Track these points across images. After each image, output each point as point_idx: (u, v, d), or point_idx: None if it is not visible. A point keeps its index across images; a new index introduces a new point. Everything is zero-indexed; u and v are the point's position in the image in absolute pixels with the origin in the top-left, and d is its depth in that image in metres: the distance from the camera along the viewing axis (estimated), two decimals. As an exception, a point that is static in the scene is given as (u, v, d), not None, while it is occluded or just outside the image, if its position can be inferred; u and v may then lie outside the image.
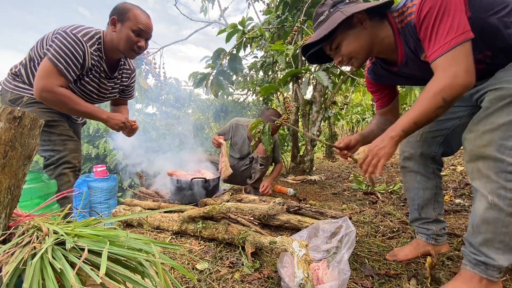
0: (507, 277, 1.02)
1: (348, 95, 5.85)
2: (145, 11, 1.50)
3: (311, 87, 3.28)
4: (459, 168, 2.92)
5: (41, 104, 1.44)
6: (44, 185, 1.30)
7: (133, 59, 1.76)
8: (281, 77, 1.91)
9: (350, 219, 1.58)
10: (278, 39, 2.77)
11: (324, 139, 5.59)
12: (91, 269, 0.55)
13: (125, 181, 4.00)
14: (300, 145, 3.80)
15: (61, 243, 0.60)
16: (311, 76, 2.80)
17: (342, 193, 2.63)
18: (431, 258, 1.10)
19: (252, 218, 1.62)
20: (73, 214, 1.47)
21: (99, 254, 0.59)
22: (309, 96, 3.42)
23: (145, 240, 0.68)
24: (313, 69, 2.94)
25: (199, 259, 1.24)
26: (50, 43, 1.35)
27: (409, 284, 1.05)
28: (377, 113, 1.32)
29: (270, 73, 3.05)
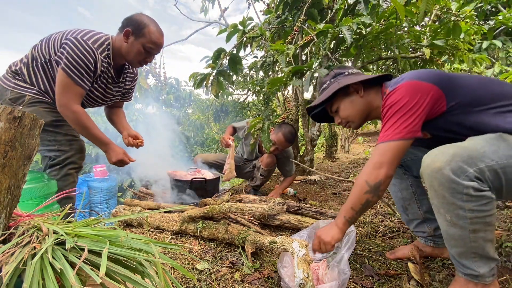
0: (507, 277, 1.02)
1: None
2: (160, 27, 1.47)
3: (311, 87, 3.28)
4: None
5: (44, 103, 1.43)
6: (44, 185, 1.30)
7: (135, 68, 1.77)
8: (286, 72, 1.90)
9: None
10: (278, 39, 2.77)
11: (324, 139, 5.61)
12: (91, 269, 0.55)
13: (125, 181, 4.00)
14: (300, 145, 3.80)
15: (61, 243, 0.60)
16: (313, 74, 2.79)
17: (342, 193, 2.63)
18: (412, 264, 1.12)
19: (252, 218, 1.62)
20: (75, 213, 1.47)
21: (99, 254, 0.59)
22: (309, 96, 3.42)
23: (145, 240, 0.68)
24: (315, 67, 2.94)
25: (199, 259, 1.24)
26: (61, 51, 1.34)
27: (409, 284, 1.05)
28: None
29: (270, 72, 3.04)
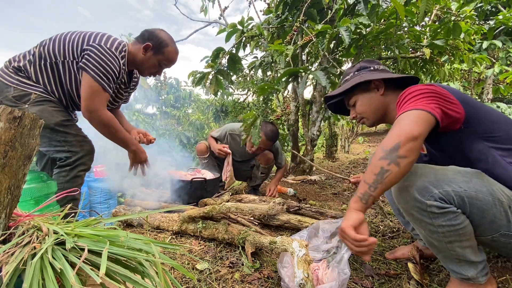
0: (507, 277, 1.02)
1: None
2: (177, 47, 1.59)
3: (311, 87, 3.28)
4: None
5: (52, 102, 1.42)
6: (44, 185, 1.30)
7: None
8: (279, 76, 1.91)
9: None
10: (277, 39, 2.77)
11: (324, 139, 5.60)
12: (91, 269, 0.55)
13: (125, 181, 3.99)
14: (300, 145, 3.80)
15: (61, 243, 0.60)
16: (310, 75, 2.79)
17: (342, 193, 2.63)
18: (412, 264, 1.12)
19: (252, 218, 1.62)
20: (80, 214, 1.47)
21: (99, 254, 0.59)
22: (309, 96, 3.42)
23: (145, 240, 0.68)
24: (313, 68, 2.94)
25: (199, 259, 1.23)
26: (86, 58, 1.34)
27: (409, 284, 1.05)
28: None
29: (269, 72, 3.05)
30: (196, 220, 1.49)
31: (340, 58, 2.93)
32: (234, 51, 2.66)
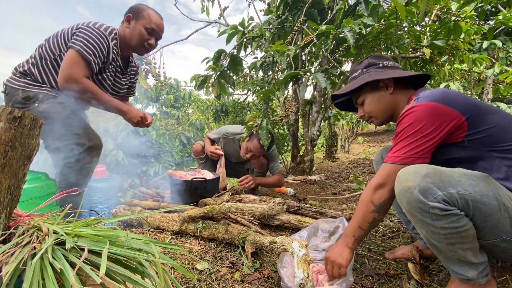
0: (507, 277, 1.02)
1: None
2: (158, 13, 1.60)
3: (311, 87, 3.28)
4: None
5: (59, 99, 1.42)
6: (44, 185, 1.30)
7: (141, 55, 1.86)
8: (280, 80, 1.91)
9: (349, 219, 1.58)
10: (278, 39, 2.77)
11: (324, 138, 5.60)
12: (91, 269, 0.55)
13: (125, 181, 3.99)
14: (300, 145, 3.80)
15: (61, 243, 0.60)
16: (310, 77, 2.79)
17: (342, 193, 2.63)
18: (412, 264, 1.12)
19: (252, 218, 1.62)
20: (85, 213, 1.48)
21: (99, 254, 0.59)
22: (309, 96, 3.42)
23: (145, 240, 0.68)
24: (313, 69, 2.94)
25: (199, 259, 1.23)
26: (74, 38, 1.37)
27: (409, 284, 1.05)
28: None
29: (269, 73, 3.05)
30: (196, 220, 1.49)
31: (340, 58, 2.93)
32: (235, 53, 2.66)
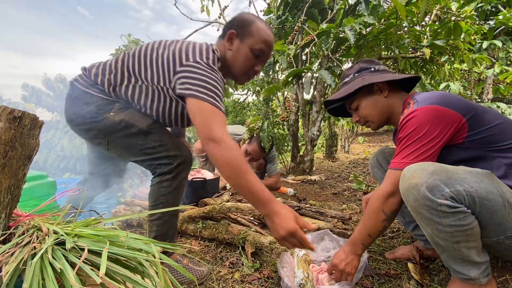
0: (507, 277, 1.02)
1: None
2: (269, 26, 1.20)
3: (311, 87, 3.28)
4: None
5: (135, 108, 1.17)
6: (44, 185, 1.30)
7: (241, 85, 1.40)
8: (284, 77, 1.91)
9: (349, 219, 1.58)
10: (278, 39, 2.77)
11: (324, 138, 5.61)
12: (91, 269, 0.55)
13: (125, 181, 3.99)
14: (300, 145, 3.80)
15: (61, 243, 0.60)
16: (313, 75, 2.79)
17: (342, 193, 2.63)
18: (412, 264, 1.12)
19: (252, 218, 1.62)
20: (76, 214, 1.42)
21: (99, 254, 0.59)
22: (309, 96, 3.42)
23: (145, 240, 0.68)
24: (314, 69, 2.94)
25: (199, 259, 1.24)
26: (183, 81, 1.03)
27: (409, 284, 1.05)
28: None
29: (270, 73, 3.04)
30: (196, 220, 1.49)
31: (340, 58, 2.93)
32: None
